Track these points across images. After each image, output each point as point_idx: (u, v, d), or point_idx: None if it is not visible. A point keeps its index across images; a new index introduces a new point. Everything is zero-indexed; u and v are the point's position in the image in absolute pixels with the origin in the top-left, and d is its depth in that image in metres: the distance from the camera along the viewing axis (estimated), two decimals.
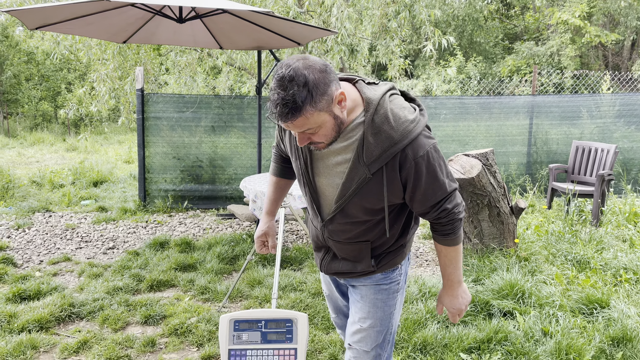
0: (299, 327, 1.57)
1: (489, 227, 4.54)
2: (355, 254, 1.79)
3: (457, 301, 1.84)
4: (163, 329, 3.52)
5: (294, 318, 1.58)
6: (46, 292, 4.07)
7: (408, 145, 1.54)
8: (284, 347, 1.56)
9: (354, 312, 1.86)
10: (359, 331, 1.84)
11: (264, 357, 1.56)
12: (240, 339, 1.57)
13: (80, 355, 3.24)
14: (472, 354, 3.16)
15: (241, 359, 1.56)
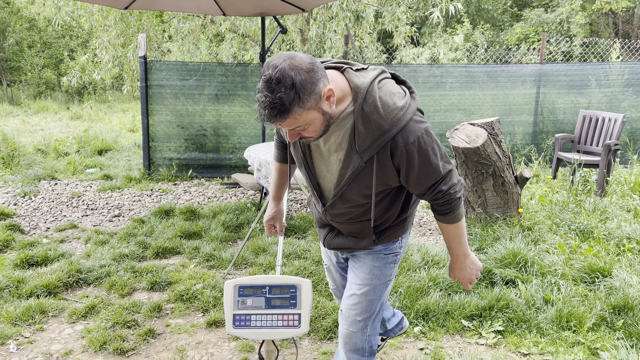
0: (303, 292, 1.59)
1: (493, 196, 4.54)
2: (358, 231, 1.84)
3: (465, 272, 1.89)
4: (169, 295, 3.57)
5: (298, 284, 1.60)
6: (53, 259, 4.12)
7: (398, 133, 1.54)
8: (288, 313, 1.58)
9: (351, 279, 1.91)
10: (353, 298, 1.88)
11: (268, 322, 1.58)
12: (245, 304, 1.59)
13: (89, 320, 3.30)
14: (473, 320, 3.20)
15: (246, 324, 1.58)
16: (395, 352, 2.92)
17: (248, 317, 1.58)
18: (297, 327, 1.58)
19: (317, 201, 1.83)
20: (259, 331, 1.57)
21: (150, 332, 3.11)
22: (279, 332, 1.57)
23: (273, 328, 1.57)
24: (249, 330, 1.57)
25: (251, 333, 1.57)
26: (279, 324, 1.58)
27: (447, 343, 3.03)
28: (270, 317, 1.58)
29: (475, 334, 3.11)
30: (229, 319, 1.58)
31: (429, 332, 3.11)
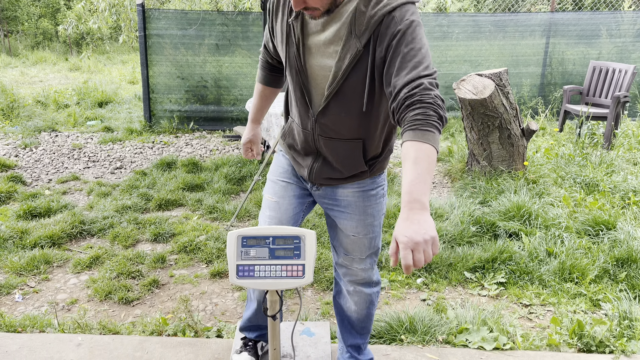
0: (307, 243, 1.56)
1: (498, 149, 4.48)
2: (347, 154, 1.72)
3: (412, 228, 1.25)
4: (172, 246, 3.58)
5: (302, 235, 1.57)
6: (56, 210, 4.12)
7: (396, 8, 1.48)
8: (292, 263, 1.56)
9: (344, 228, 1.86)
10: (353, 242, 1.86)
11: (271, 272, 1.56)
12: (248, 255, 1.57)
13: (93, 270, 3.32)
14: (476, 272, 3.21)
15: (249, 274, 1.56)
16: (398, 303, 2.94)
17: (251, 268, 1.56)
18: (301, 278, 1.56)
19: (306, 111, 1.71)
20: (263, 281, 1.56)
21: (154, 282, 3.13)
22: (283, 282, 1.56)
23: (277, 278, 1.56)
24: (253, 280, 1.56)
25: (255, 283, 1.56)
26: (283, 274, 1.56)
27: (449, 294, 3.05)
28: (274, 268, 1.56)
29: (478, 285, 3.12)
30: (233, 270, 1.56)
31: (432, 284, 3.13)
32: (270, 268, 1.57)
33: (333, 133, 1.70)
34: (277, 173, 1.96)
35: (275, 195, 1.92)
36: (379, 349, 2.40)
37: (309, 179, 1.84)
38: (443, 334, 2.51)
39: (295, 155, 1.87)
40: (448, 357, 2.34)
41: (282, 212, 1.90)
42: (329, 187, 1.85)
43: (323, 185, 1.85)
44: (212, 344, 2.41)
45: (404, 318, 2.55)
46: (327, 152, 1.76)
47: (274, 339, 1.69)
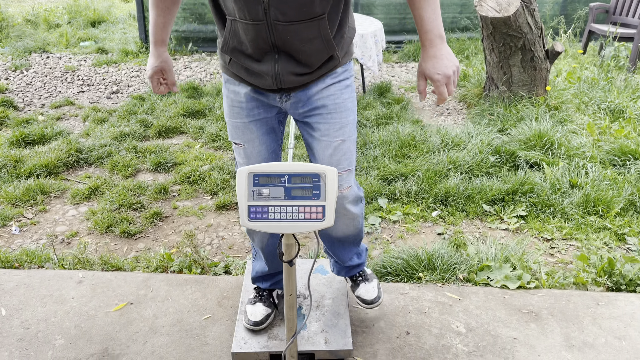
0: (328, 182, 1.37)
1: (519, 73, 4.19)
2: (312, 36, 1.46)
3: (442, 63, 1.43)
4: (174, 176, 3.40)
5: (322, 172, 1.37)
6: (51, 137, 3.91)
7: None
8: (311, 204, 1.37)
9: (325, 135, 1.63)
10: (336, 150, 1.64)
11: (288, 214, 1.38)
12: (261, 194, 1.37)
13: (92, 202, 3.16)
14: (495, 205, 3.05)
15: (262, 216, 1.38)
16: (413, 238, 2.80)
17: (265, 209, 1.37)
18: (321, 220, 1.38)
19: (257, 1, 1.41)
20: (278, 224, 1.38)
21: (157, 214, 2.98)
22: (301, 225, 1.38)
23: (294, 221, 1.38)
24: (267, 223, 1.38)
25: (269, 226, 1.38)
26: (301, 216, 1.37)
27: (466, 228, 2.91)
28: (290, 209, 1.37)
29: (497, 218, 2.97)
30: (244, 211, 1.38)
31: (448, 217, 2.97)
32: (286, 210, 1.38)
33: (293, 13, 1.39)
34: (233, 113, 1.67)
35: (240, 139, 1.69)
36: (397, 287, 2.27)
37: (276, 84, 1.54)
38: (463, 271, 2.38)
39: (248, 64, 1.53)
40: (469, 296, 2.22)
41: (256, 155, 1.69)
42: (301, 91, 1.59)
43: (293, 90, 1.58)
44: (220, 282, 2.29)
45: (422, 255, 2.41)
46: (288, 44, 1.46)
47: (289, 284, 1.54)
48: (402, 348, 1.95)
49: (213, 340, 1.97)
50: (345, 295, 2.03)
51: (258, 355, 1.78)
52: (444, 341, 1.98)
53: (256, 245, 1.89)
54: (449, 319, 2.09)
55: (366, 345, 1.95)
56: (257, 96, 1.62)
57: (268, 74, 1.52)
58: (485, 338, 2.00)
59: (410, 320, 2.08)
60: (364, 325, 2.05)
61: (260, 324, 1.85)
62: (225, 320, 2.07)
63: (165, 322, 2.05)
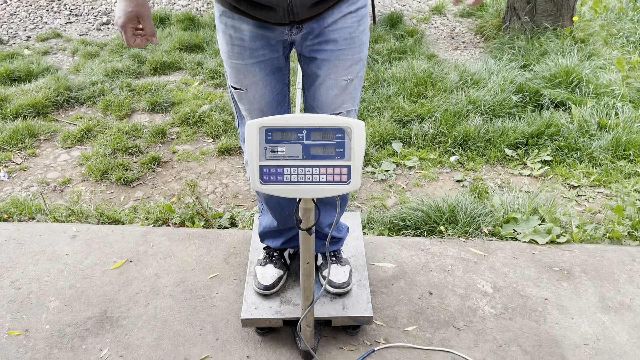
0: (354, 138, 1.15)
1: (544, 2, 3.84)
2: None
3: None
4: (173, 117, 3.16)
5: (347, 127, 1.15)
6: (38, 73, 3.64)
7: None
8: (334, 165, 1.17)
9: (333, 70, 1.40)
10: (346, 88, 1.43)
11: (307, 176, 1.17)
12: (275, 153, 1.16)
13: (85, 145, 2.95)
14: (518, 149, 2.84)
15: (277, 179, 1.17)
16: (430, 185, 2.61)
17: (280, 171, 1.17)
18: (346, 184, 1.17)
19: None
20: (296, 188, 1.18)
21: (155, 159, 2.77)
22: (322, 189, 1.17)
23: (313, 184, 1.17)
24: (282, 186, 1.18)
25: (285, 190, 1.17)
26: (322, 179, 1.17)
27: (487, 174, 2.71)
28: (309, 171, 1.17)
29: (519, 164, 2.76)
30: (255, 172, 1.17)
31: (467, 162, 2.77)
32: (304, 171, 1.17)
33: None
34: (232, 53, 1.40)
35: (241, 83, 1.43)
36: (416, 242, 2.10)
37: (288, 17, 1.29)
38: (488, 224, 2.20)
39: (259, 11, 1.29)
40: (495, 252, 2.06)
41: (259, 100, 1.46)
42: (314, 21, 1.35)
43: (305, 21, 1.33)
44: (226, 236, 2.12)
45: (443, 207, 2.23)
46: None
47: (306, 252, 1.36)
48: (425, 310, 1.80)
49: (220, 302, 1.82)
50: (363, 254, 1.86)
51: (270, 322, 1.63)
52: (469, 302, 1.83)
53: (260, 198, 1.70)
54: (474, 277, 1.94)
55: (386, 307, 1.81)
56: (263, 32, 1.36)
57: (279, 5, 1.26)
58: (514, 299, 1.85)
59: (432, 280, 1.92)
60: (382, 285, 1.90)
61: (271, 288, 1.69)
62: (232, 280, 1.91)
63: (168, 282, 1.90)
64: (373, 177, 2.65)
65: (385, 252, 2.04)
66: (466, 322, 1.76)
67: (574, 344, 1.68)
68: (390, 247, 2.07)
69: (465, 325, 1.75)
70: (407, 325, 1.75)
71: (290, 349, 1.66)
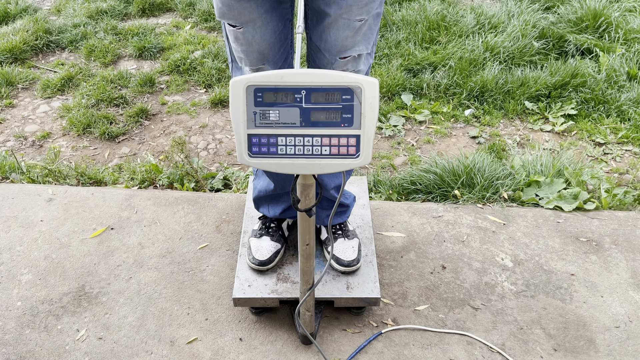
0: (366, 101, 0.92)
1: None
2: None
3: None
4: (162, 64, 2.90)
5: (357, 86, 0.92)
6: (15, 15, 3.33)
7: None
8: (340, 134, 0.94)
9: (347, 10, 1.16)
10: (360, 29, 1.20)
11: (306, 147, 0.95)
12: (267, 118, 0.94)
13: (67, 95, 2.70)
14: (539, 102, 2.59)
15: (269, 150, 0.95)
16: (442, 141, 2.38)
17: (273, 140, 0.95)
18: (354, 157, 0.96)
19: None
20: (293, 162, 0.96)
21: (142, 112, 2.54)
22: (325, 164, 0.96)
23: (315, 157, 0.95)
24: (276, 160, 0.96)
25: (279, 164, 0.96)
26: (325, 151, 0.95)
27: (504, 130, 2.48)
28: (310, 141, 0.95)
29: (540, 118, 2.53)
30: (242, 143, 0.95)
31: (483, 116, 2.53)
32: (304, 141, 0.95)
33: None
34: None
35: (236, 20, 1.19)
36: (428, 208, 1.90)
37: None
38: (508, 188, 1.99)
39: None
40: (516, 220, 1.86)
41: (259, 41, 1.22)
42: None
43: None
44: (219, 201, 1.91)
45: (458, 169, 2.01)
46: None
47: (305, 233, 1.16)
48: (438, 287, 1.62)
49: (211, 276, 1.64)
50: (370, 225, 1.66)
51: (265, 302, 1.46)
52: (487, 278, 1.65)
53: None
54: (492, 249, 1.75)
55: (394, 284, 1.63)
56: None
57: None
58: (536, 274, 1.67)
59: (446, 251, 1.74)
60: (390, 257, 1.71)
61: (267, 263, 1.50)
62: (225, 251, 1.73)
63: (153, 253, 1.72)
64: (380, 133, 2.42)
65: (393, 220, 1.84)
66: (483, 300, 1.59)
67: (603, 326, 1.51)
68: (399, 213, 1.87)
69: (482, 304, 1.57)
70: (417, 304, 1.57)
71: (288, 331, 1.50)
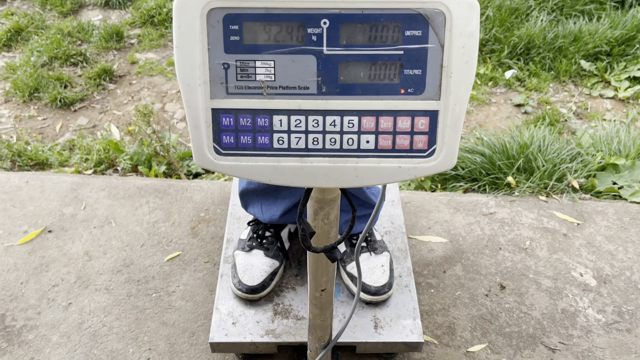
0: (454, 40, 0.43)
1: None
2: None
3: None
4: (133, 14, 2.37)
5: (435, 8, 0.42)
6: None
7: None
8: (398, 109, 0.46)
9: None
10: None
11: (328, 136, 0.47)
12: (250, 78, 0.45)
13: (14, 52, 2.19)
14: (598, 61, 2.09)
15: (255, 141, 0.47)
16: (480, 111, 1.90)
17: (263, 122, 0.46)
18: (424, 155, 0.47)
19: None
20: (302, 166, 0.48)
21: (106, 72, 2.03)
22: (367, 168, 0.48)
23: (347, 156, 0.47)
24: (268, 161, 0.47)
25: (275, 170, 0.48)
26: (367, 143, 0.46)
27: (555, 96, 1.99)
28: (336, 123, 0.46)
29: (599, 81, 2.04)
30: (202, 127, 0.47)
31: (529, 79, 2.04)
32: (324, 124, 0.47)
33: None
34: None
35: None
36: (475, 202, 1.43)
37: None
38: (578, 175, 1.52)
39: None
40: (593, 218, 1.39)
41: None
42: None
43: None
44: (196, 192, 1.44)
45: (511, 148, 1.53)
46: None
47: (321, 276, 0.69)
48: (497, 316, 1.17)
49: (182, 300, 1.18)
50: (402, 231, 1.19)
51: (257, 347, 1.00)
52: (563, 303, 1.20)
53: None
54: (565, 260, 1.29)
55: (436, 312, 1.17)
56: None
57: None
58: (630, 297, 1.21)
59: (503, 263, 1.28)
60: (429, 272, 1.25)
61: (259, 290, 1.04)
62: (202, 263, 1.26)
63: (104, 266, 1.25)
64: None
65: (430, 218, 1.37)
66: (562, 336, 1.14)
67: None
68: (437, 209, 1.40)
69: (561, 343, 1.12)
70: (471, 342, 1.12)
71: None
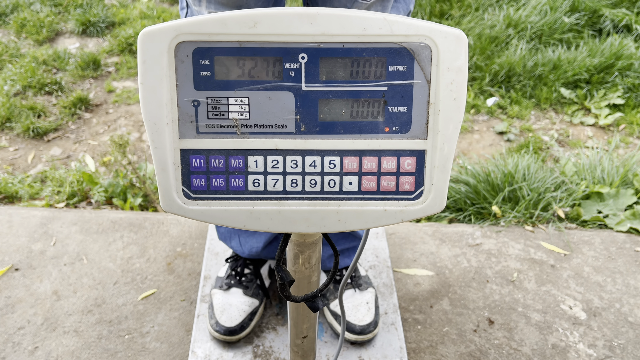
0: (441, 75, 0.40)
1: None
2: None
3: None
4: (111, 43, 2.34)
5: (420, 42, 0.39)
6: None
7: None
8: (382, 149, 0.43)
9: None
10: None
11: (308, 177, 0.43)
12: (222, 117, 0.41)
13: None
14: (578, 88, 2.10)
15: (229, 184, 0.43)
16: (463, 138, 1.89)
17: (237, 163, 0.42)
18: (411, 197, 0.43)
19: None
20: (280, 210, 0.44)
21: (82, 101, 1.98)
22: (350, 212, 0.44)
23: (328, 199, 0.43)
24: (243, 205, 0.43)
25: (250, 215, 0.43)
26: (350, 184, 0.43)
27: (537, 123, 2.00)
28: (316, 164, 0.42)
29: (580, 109, 2.05)
30: (170, 170, 0.42)
31: (511, 107, 2.04)
32: (303, 165, 0.43)
33: None
34: None
35: None
36: (461, 233, 1.40)
37: None
38: (562, 204, 1.50)
39: None
40: (579, 248, 1.37)
41: None
42: None
43: None
44: (173, 225, 1.38)
45: (497, 177, 1.51)
46: None
47: (302, 323, 0.64)
48: (486, 353, 1.13)
49: (157, 342, 1.12)
50: (388, 264, 1.16)
51: None
52: (553, 338, 1.16)
53: None
54: (554, 292, 1.26)
55: (424, 350, 1.13)
56: None
57: None
58: (620, 330, 1.18)
59: (491, 297, 1.24)
60: (416, 307, 1.21)
61: (238, 331, 0.98)
62: (178, 301, 1.20)
63: (75, 307, 1.18)
64: None
65: (415, 250, 1.34)
66: None
67: None
68: (422, 240, 1.37)
69: None
70: None
71: None
